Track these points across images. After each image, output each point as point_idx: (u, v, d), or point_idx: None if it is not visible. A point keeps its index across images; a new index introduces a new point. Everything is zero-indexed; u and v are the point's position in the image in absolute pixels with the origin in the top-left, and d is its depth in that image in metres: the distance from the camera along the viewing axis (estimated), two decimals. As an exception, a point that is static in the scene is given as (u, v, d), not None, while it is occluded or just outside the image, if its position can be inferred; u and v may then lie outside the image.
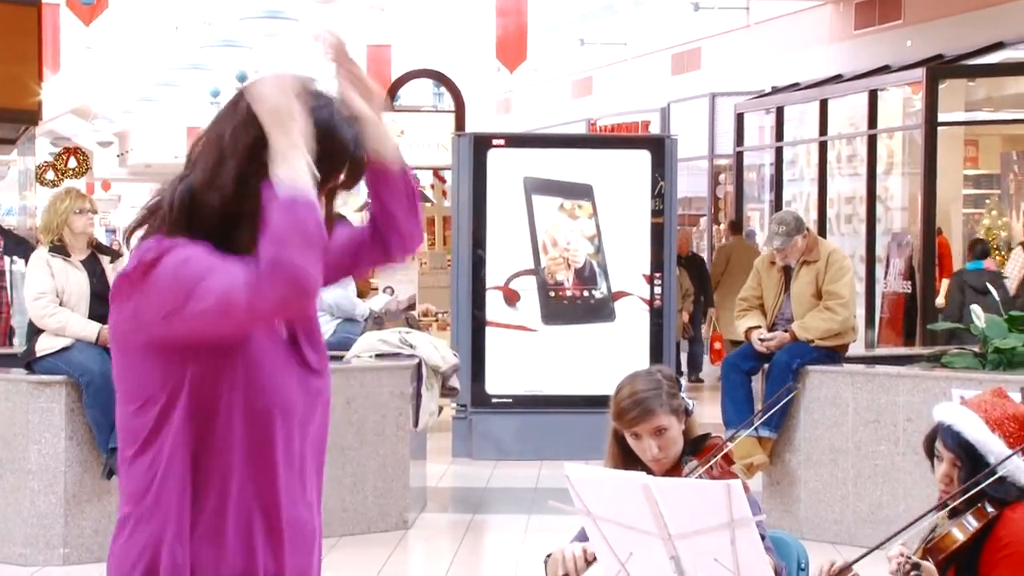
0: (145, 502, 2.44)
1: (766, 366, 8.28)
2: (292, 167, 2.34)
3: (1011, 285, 11.77)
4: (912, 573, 3.39)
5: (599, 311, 11.00)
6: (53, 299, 7.37)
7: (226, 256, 2.38)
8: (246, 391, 2.42)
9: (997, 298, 9.11)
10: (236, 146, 2.42)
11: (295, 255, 2.29)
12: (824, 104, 16.13)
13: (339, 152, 2.49)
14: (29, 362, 7.50)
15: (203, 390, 2.41)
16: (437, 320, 12.97)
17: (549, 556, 3.80)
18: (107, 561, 2.51)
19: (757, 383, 8.41)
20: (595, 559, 3.64)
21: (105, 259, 7.59)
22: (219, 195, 2.42)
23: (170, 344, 2.39)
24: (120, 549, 2.47)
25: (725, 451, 3.79)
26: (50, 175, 22.89)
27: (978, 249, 12.43)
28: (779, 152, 17.18)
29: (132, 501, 2.46)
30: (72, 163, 23.11)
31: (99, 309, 7.44)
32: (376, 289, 12.04)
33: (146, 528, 2.43)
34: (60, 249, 7.47)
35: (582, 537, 3.72)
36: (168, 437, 2.42)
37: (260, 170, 2.39)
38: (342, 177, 2.53)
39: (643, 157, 11.07)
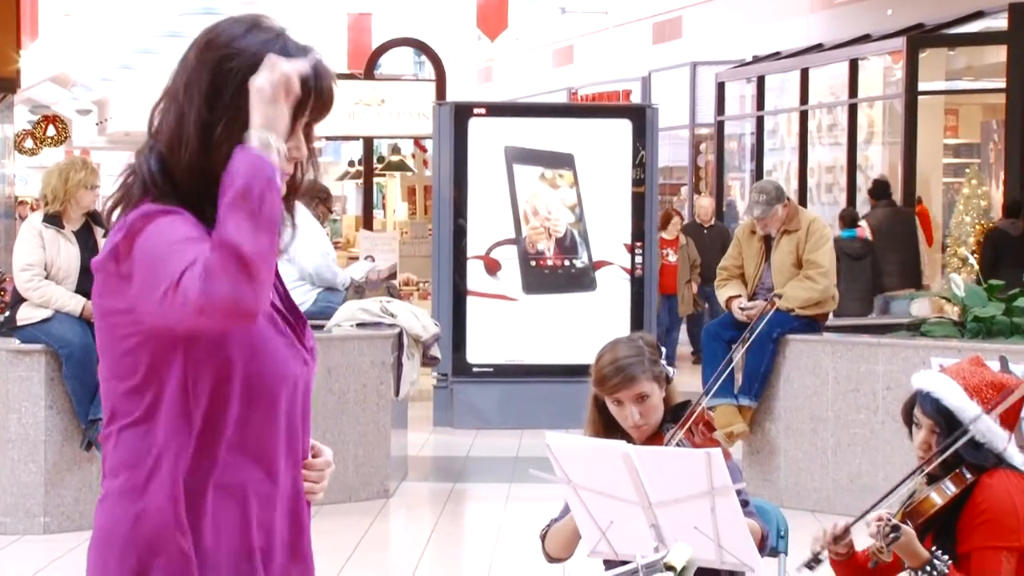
0: (137, 474, 2.37)
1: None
2: (263, 140, 2.24)
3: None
4: (892, 535, 3.42)
5: (580, 280, 11.01)
6: (40, 272, 7.30)
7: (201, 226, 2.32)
8: (245, 368, 2.37)
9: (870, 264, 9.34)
10: (193, 98, 2.36)
11: (245, 240, 2.17)
12: (805, 73, 16.14)
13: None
14: (9, 330, 7.47)
15: (199, 368, 2.35)
16: (418, 289, 12.96)
17: (548, 528, 3.80)
18: (94, 531, 2.43)
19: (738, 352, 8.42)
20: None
21: (99, 231, 7.48)
22: (187, 151, 2.36)
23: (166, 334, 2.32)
24: (111, 519, 2.39)
25: (700, 411, 3.77)
26: (29, 143, 22.81)
27: (847, 219, 12.75)
28: (760, 121, 17.18)
29: (122, 472, 2.39)
30: (51, 131, 23.01)
31: (87, 283, 7.38)
32: (357, 258, 12.01)
33: (140, 501, 2.36)
34: (55, 219, 7.36)
35: (567, 512, 3.73)
36: (163, 414, 2.36)
37: (222, 117, 2.34)
38: (309, 111, 2.40)
39: (624, 126, 11.07)
